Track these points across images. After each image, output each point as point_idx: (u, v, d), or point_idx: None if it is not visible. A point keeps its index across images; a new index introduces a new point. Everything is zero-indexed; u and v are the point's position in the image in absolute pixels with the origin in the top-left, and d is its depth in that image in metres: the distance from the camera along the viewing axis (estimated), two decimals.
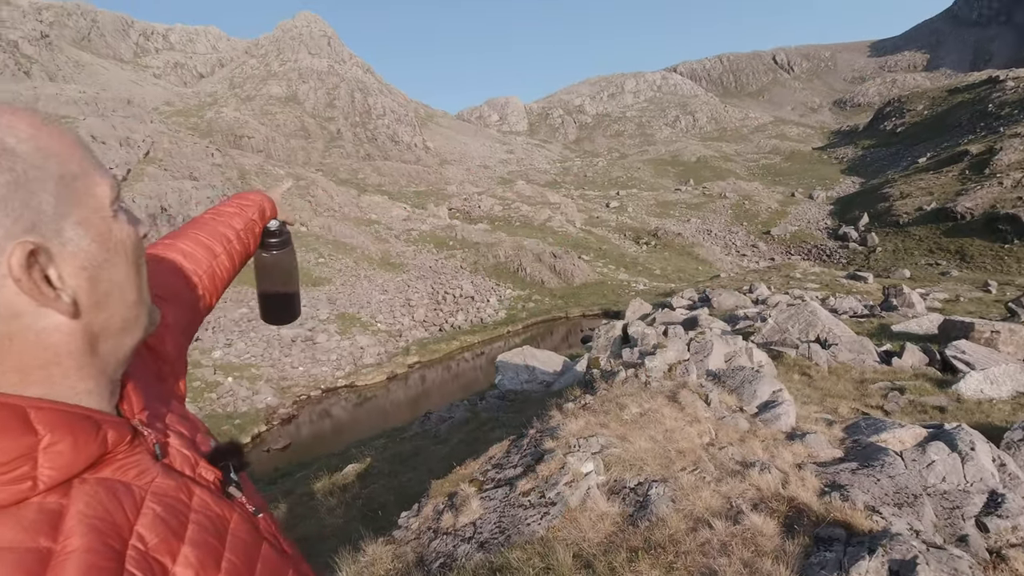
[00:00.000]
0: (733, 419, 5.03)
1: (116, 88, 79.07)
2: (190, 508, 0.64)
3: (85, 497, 0.54)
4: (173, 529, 0.59)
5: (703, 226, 72.68)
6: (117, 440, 0.60)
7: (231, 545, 0.66)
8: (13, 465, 0.51)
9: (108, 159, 41.70)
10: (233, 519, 0.69)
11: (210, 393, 25.31)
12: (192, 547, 0.60)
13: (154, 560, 0.55)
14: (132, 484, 0.60)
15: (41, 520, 0.50)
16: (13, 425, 0.52)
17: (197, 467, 0.71)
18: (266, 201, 1.32)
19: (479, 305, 40.72)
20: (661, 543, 3.34)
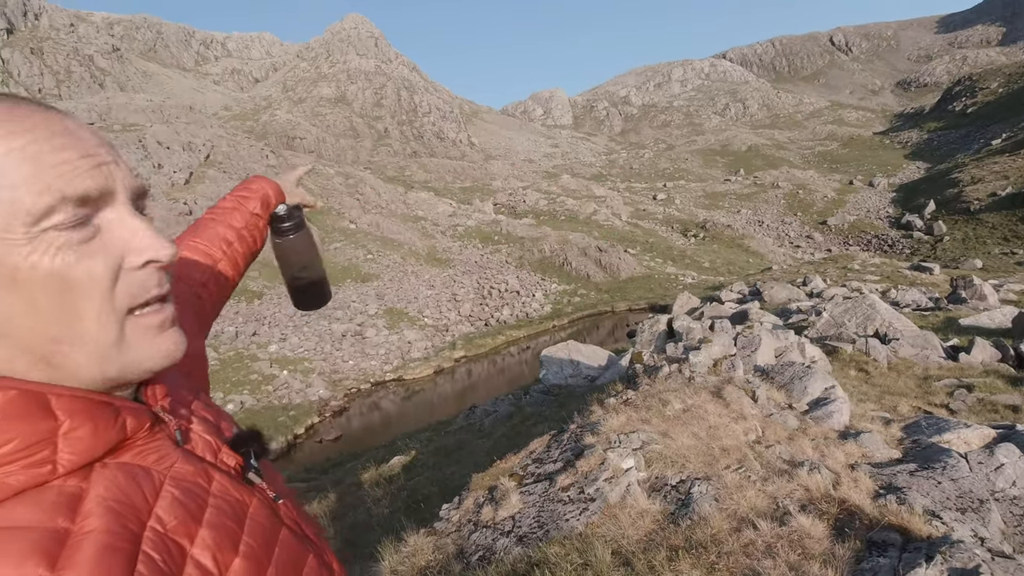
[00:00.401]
0: (781, 416, 4.85)
1: (180, 95, 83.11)
2: (209, 492, 0.65)
3: (104, 481, 0.55)
4: (191, 512, 0.60)
5: (754, 217, 70.41)
6: (136, 427, 0.62)
7: (249, 529, 0.66)
8: (34, 449, 0.52)
9: (172, 163, 43.93)
10: (252, 504, 0.70)
11: (267, 386, 26.35)
12: (210, 529, 0.61)
13: (172, 541, 0.56)
14: (151, 468, 0.61)
15: (60, 502, 0.51)
16: (34, 411, 0.53)
17: (219, 453, 0.73)
18: (270, 187, 1.26)
19: (524, 300, 40.77)
20: (703, 543, 3.26)
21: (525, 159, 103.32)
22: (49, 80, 74.34)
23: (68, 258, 0.53)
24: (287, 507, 0.79)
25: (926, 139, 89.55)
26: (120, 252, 0.57)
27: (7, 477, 0.50)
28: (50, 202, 0.52)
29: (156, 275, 0.60)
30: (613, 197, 71.54)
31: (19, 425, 0.51)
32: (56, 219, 0.53)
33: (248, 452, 0.78)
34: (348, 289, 38.61)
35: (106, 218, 0.57)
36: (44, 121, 0.55)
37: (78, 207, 0.54)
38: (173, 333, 0.63)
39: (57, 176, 0.53)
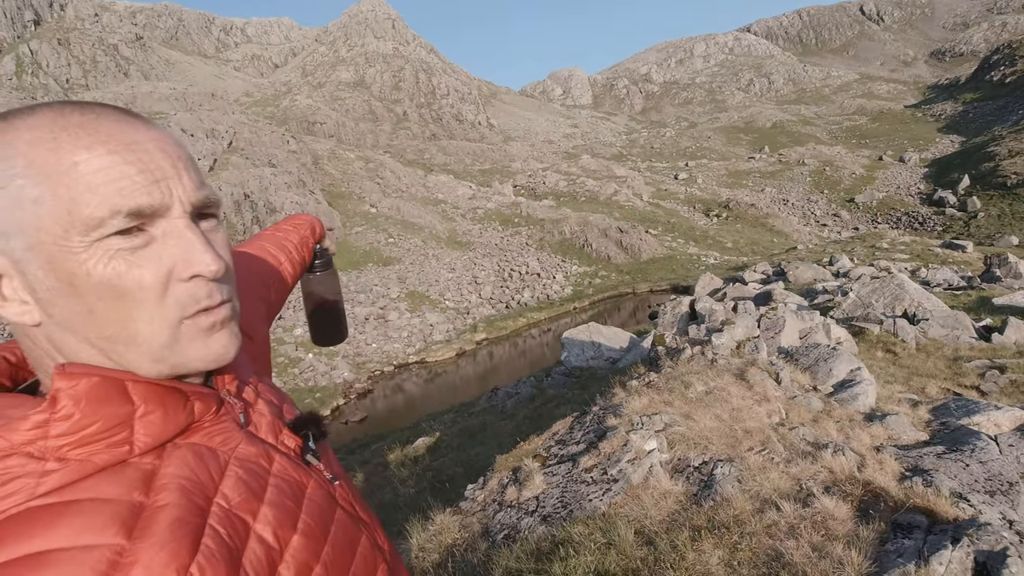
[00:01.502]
0: (805, 399, 4.82)
1: (202, 83, 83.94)
2: (270, 472, 0.69)
3: (175, 460, 0.60)
4: (254, 491, 0.64)
5: (779, 196, 69.03)
6: (203, 410, 0.66)
7: (307, 508, 0.70)
8: (115, 431, 0.57)
9: (196, 150, 44.57)
10: (310, 484, 0.74)
11: (293, 368, 26.92)
12: (271, 507, 0.64)
13: (236, 517, 0.61)
14: (217, 449, 0.65)
15: (136, 478, 0.57)
16: (115, 396, 0.58)
17: (280, 435, 0.77)
18: (316, 222, 1.39)
19: (545, 282, 40.76)
20: (725, 523, 3.29)
21: (544, 140, 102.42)
22: (76, 70, 75.71)
23: (120, 267, 0.57)
24: (342, 488, 0.83)
25: (961, 111, 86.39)
26: (171, 263, 0.60)
27: (92, 455, 0.56)
28: (104, 214, 0.55)
29: (205, 287, 0.62)
30: (634, 177, 70.69)
31: (102, 408, 0.57)
32: (109, 230, 0.56)
33: (307, 435, 0.82)
34: (370, 273, 39.02)
35: (161, 229, 0.60)
36: (112, 134, 0.58)
37: (131, 219, 0.57)
38: (223, 335, 0.65)
39: (114, 191, 0.56)
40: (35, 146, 0.55)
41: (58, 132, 0.56)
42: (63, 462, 0.55)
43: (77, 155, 0.55)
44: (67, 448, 0.55)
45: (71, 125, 0.57)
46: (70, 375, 0.57)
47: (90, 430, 0.56)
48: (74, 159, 0.55)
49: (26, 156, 0.55)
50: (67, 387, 0.56)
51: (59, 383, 0.56)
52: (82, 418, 0.56)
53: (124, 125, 0.60)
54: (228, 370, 0.75)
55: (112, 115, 0.60)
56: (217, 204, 0.67)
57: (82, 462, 0.55)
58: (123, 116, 0.61)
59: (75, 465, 0.55)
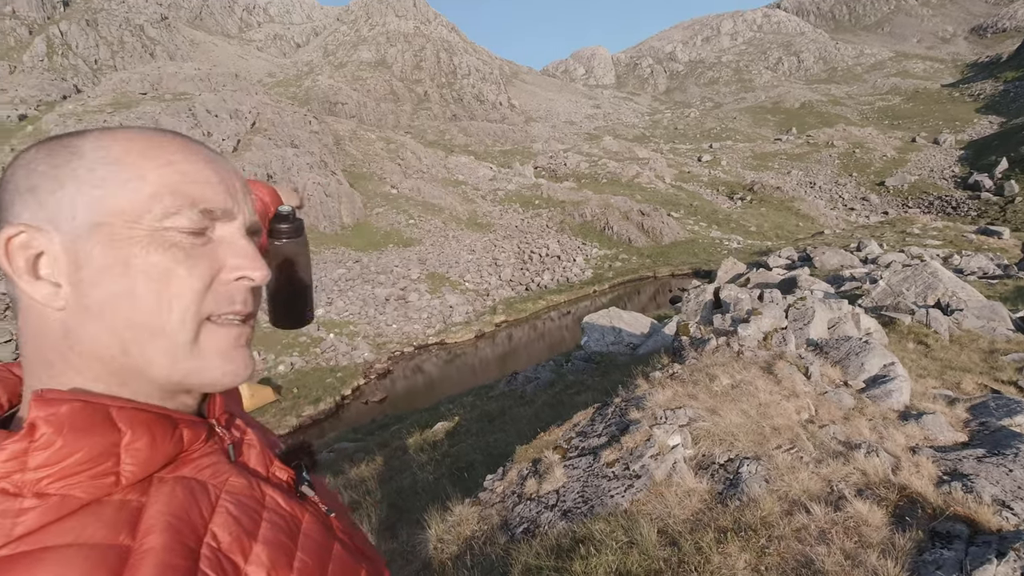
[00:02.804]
0: (836, 395, 4.67)
1: (225, 63, 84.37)
2: (263, 507, 0.65)
3: (163, 496, 0.57)
4: (246, 528, 0.61)
5: (806, 178, 67.42)
6: (192, 439, 0.63)
7: (303, 544, 0.66)
8: (98, 461, 0.54)
9: (220, 131, 44.89)
10: (305, 518, 0.69)
11: (315, 348, 27.26)
12: (264, 546, 0.61)
13: (226, 559, 0.57)
14: (208, 483, 0.62)
15: (121, 517, 0.53)
16: (99, 422, 0.55)
17: (271, 466, 0.72)
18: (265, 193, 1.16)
19: (565, 264, 40.53)
20: (752, 525, 3.19)
21: (566, 121, 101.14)
22: (104, 51, 76.59)
23: (177, 255, 0.59)
24: (339, 519, 0.78)
25: (1001, 91, 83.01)
26: (221, 263, 0.62)
27: (73, 489, 0.52)
28: (180, 204, 0.59)
29: (243, 292, 0.64)
30: (656, 159, 69.58)
31: (85, 437, 0.53)
32: (178, 222, 0.59)
33: (299, 465, 0.76)
34: (391, 254, 39.17)
35: (221, 234, 0.64)
36: (200, 151, 0.64)
37: (203, 216, 0.61)
38: (244, 354, 0.65)
39: (197, 189, 0.61)
40: (134, 142, 0.60)
41: (156, 139, 0.62)
42: (42, 498, 0.51)
43: (173, 155, 0.61)
44: (47, 482, 0.51)
45: (165, 139, 0.63)
46: (49, 401, 0.53)
47: (72, 460, 0.52)
48: (170, 158, 0.61)
49: (124, 148, 0.60)
50: (46, 414, 0.52)
51: (37, 410, 0.53)
52: (64, 447, 0.52)
53: (207, 149, 0.66)
54: (220, 400, 0.71)
55: (199, 143, 0.66)
56: (260, 233, 0.71)
57: (62, 498, 0.52)
58: (203, 145, 0.67)
59: (55, 501, 0.51)
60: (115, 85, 51.68)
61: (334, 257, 37.39)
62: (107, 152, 0.59)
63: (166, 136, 0.63)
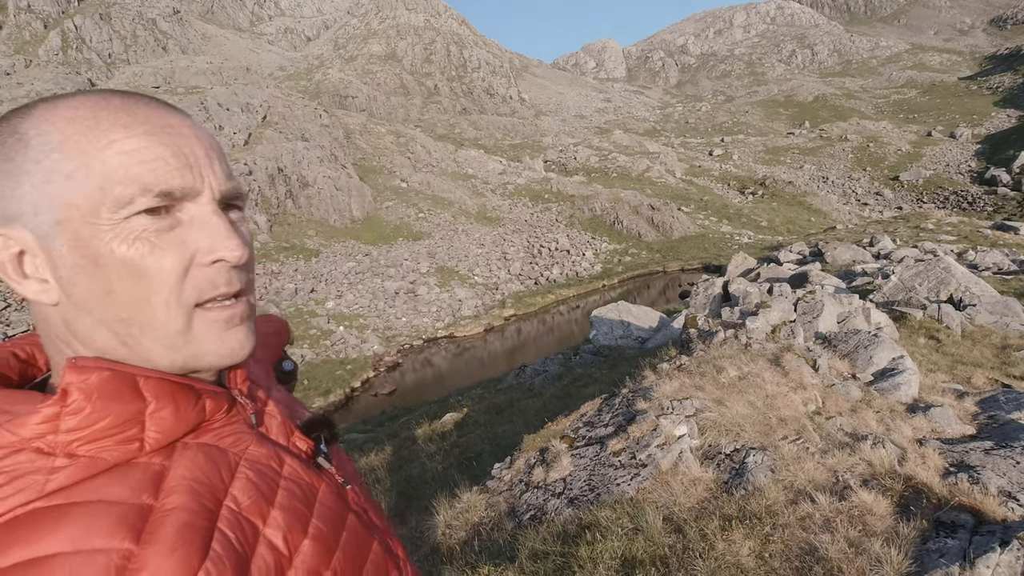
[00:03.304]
0: (844, 387, 4.67)
1: (236, 57, 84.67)
2: (281, 475, 0.67)
3: (185, 461, 0.59)
4: (264, 493, 0.63)
5: (818, 173, 66.75)
6: (214, 409, 0.64)
7: (318, 512, 0.68)
8: (125, 427, 0.56)
9: (232, 124, 45.16)
10: (321, 488, 0.72)
11: (325, 340, 27.48)
12: (281, 511, 0.63)
13: (246, 520, 0.59)
14: (228, 450, 0.64)
15: (145, 479, 0.56)
16: (126, 391, 0.57)
17: (292, 436, 0.75)
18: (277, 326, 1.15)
19: (574, 259, 40.50)
20: (757, 513, 3.22)
21: (576, 115, 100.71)
22: (118, 45, 77.14)
23: (142, 248, 0.57)
24: (355, 493, 0.81)
25: (1020, 83, 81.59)
26: (193, 248, 0.60)
27: (101, 452, 0.55)
28: (135, 192, 0.56)
29: (226, 273, 0.62)
30: (667, 153, 69.16)
31: (114, 404, 0.56)
32: (138, 207, 0.56)
33: (319, 437, 0.79)
34: (400, 247, 39.32)
35: (188, 214, 0.60)
36: (149, 117, 0.59)
37: (161, 199, 0.57)
38: (240, 331, 0.64)
39: (148, 170, 0.57)
40: (73, 123, 0.56)
41: (98, 111, 0.57)
42: (72, 458, 0.54)
43: (114, 133, 0.57)
44: (77, 444, 0.54)
45: (111, 106, 0.58)
46: (81, 368, 0.56)
47: (101, 425, 0.55)
48: (111, 137, 0.56)
49: (63, 132, 0.56)
50: (78, 381, 0.55)
51: (70, 377, 0.55)
52: (93, 412, 0.55)
53: (161, 110, 0.61)
54: (240, 370, 0.72)
55: (151, 101, 0.61)
56: (244, 197, 0.67)
57: (91, 459, 0.55)
58: (161, 104, 0.62)
59: (84, 462, 0.54)
60: (128, 79, 52.12)
61: (344, 250, 37.60)
62: (48, 137, 0.56)
63: (109, 104, 0.59)
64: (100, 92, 0.60)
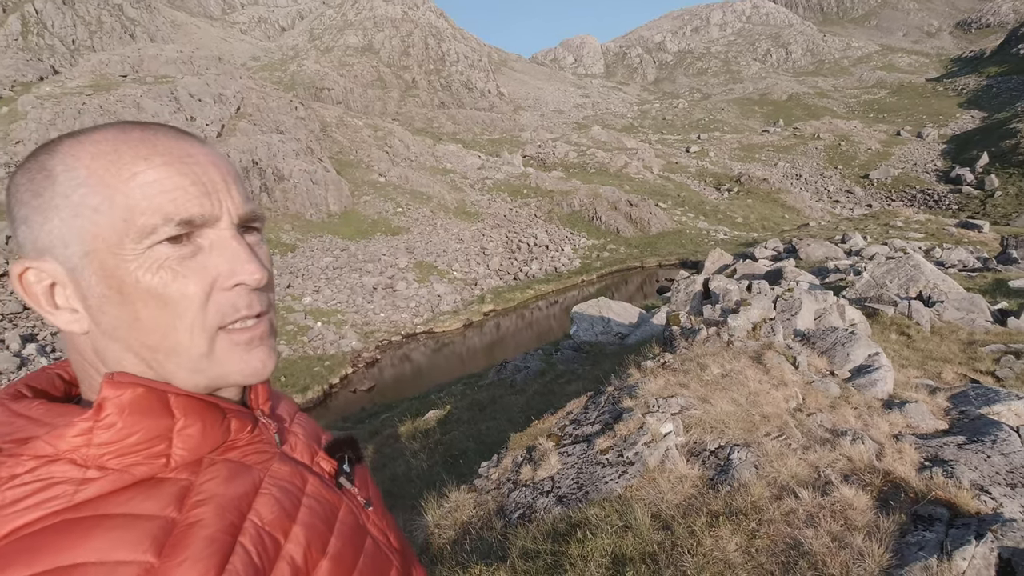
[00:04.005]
0: (823, 384, 4.80)
1: (208, 46, 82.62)
2: (303, 493, 0.68)
3: (211, 476, 0.61)
4: (287, 510, 0.64)
5: (792, 170, 68.01)
6: (239, 428, 0.67)
7: (338, 531, 0.69)
8: (154, 443, 0.59)
9: (204, 115, 44.12)
10: (342, 508, 0.73)
11: (302, 336, 27.14)
12: (303, 528, 0.64)
13: (268, 535, 0.60)
14: (253, 466, 0.65)
15: (172, 493, 0.58)
16: (157, 408, 0.60)
17: (315, 456, 0.77)
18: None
19: (553, 254, 40.63)
20: (743, 509, 3.30)
21: (555, 110, 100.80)
22: (82, 31, 74.64)
23: (166, 276, 0.59)
24: (376, 515, 0.81)
25: (984, 85, 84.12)
26: (215, 273, 0.62)
27: (130, 466, 0.57)
28: (155, 222, 0.58)
29: (246, 296, 0.64)
30: (645, 149, 69.71)
31: (144, 420, 0.59)
32: (160, 236, 0.59)
33: (343, 458, 0.81)
34: (378, 243, 38.97)
35: (208, 239, 0.62)
36: (169, 148, 0.62)
37: (182, 227, 0.60)
38: (262, 351, 0.65)
39: (168, 200, 0.59)
40: (97, 158, 0.59)
41: (119, 145, 0.60)
42: (103, 471, 0.56)
43: (136, 166, 0.59)
44: (108, 457, 0.57)
45: (131, 139, 0.61)
46: (117, 384, 0.59)
47: (131, 440, 0.58)
48: (133, 170, 0.59)
49: (88, 167, 0.59)
50: (113, 396, 0.58)
51: (106, 391, 0.58)
52: (124, 428, 0.57)
53: (181, 140, 0.63)
54: (263, 391, 0.74)
55: (170, 132, 0.64)
56: (262, 219, 0.69)
57: (120, 472, 0.57)
58: (180, 133, 0.64)
59: (114, 475, 0.56)
60: (94, 66, 50.49)
61: (321, 245, 37.13)
62: (75, 173, 0.59)
63: (130, 136, 0.61)
64: (121, 125, 0.62)
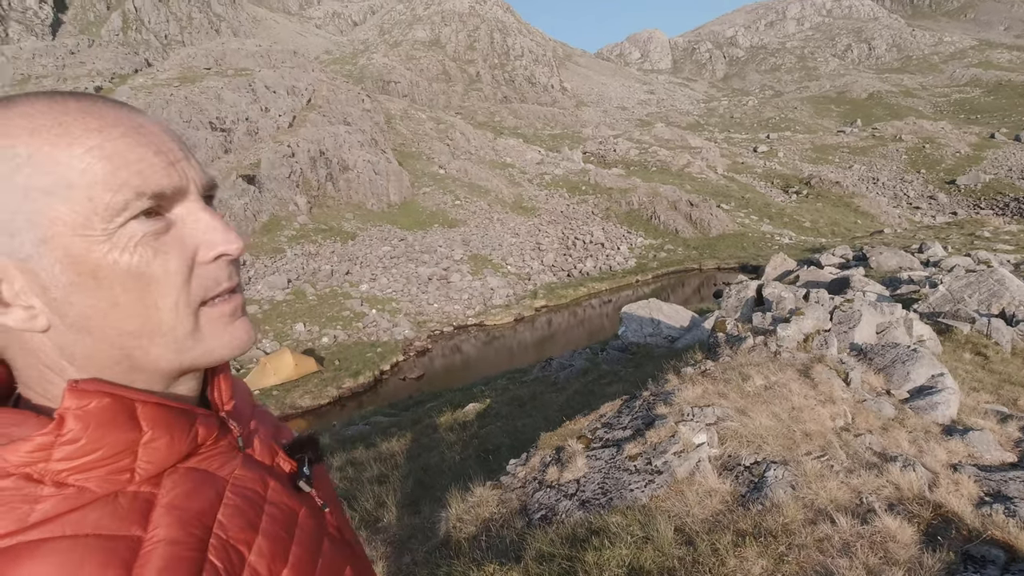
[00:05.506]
0: (876, 403, 4.48)
1: (285, 40, 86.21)
2: (265, 500, 0.67)
3: (174, 487, 0.58)
4: (250, 520, 0.63)
5: (868, 173, 64.21)
6: (206, 436, 0.64)
7: (298, 539, 0.68)
8: (118, 458, 0.55)
9: (277, 106, 46.04)
10: (302, 512, 0.72)
11: (357, 323, 27.94)
12: (266, 539, 0.63)
13: (233, 549, 0.59)
14: (215, 473, 0.63)
15: (134, 509, 0.54)
16: (122, 420, 0.55)
17: (276, 457, 0.75)
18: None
19: (609, 252, 40.07)
20: (773, 531, 3.12)
21: (618, 106, 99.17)
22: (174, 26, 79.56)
23: (146, 254, 0.54)
24: (332, 515, 0.80)
25: None
26: (193, 246, 0.58)
27: (88, 482, 0.53)
28: (126, 198, 0.53)
29: (227, 268, 0.61)
30: (709, 148, 67.56)
31: (108, 435, 0.54)
32: (132, 212, 0.54)
33: (303, 459, 0.79)
34: (435, 234, 39.56)
35: (179, 214, 0.58)
36: (119, 119, 0.56)
37: (154, 201, 0.55)
38: (244, 322, 0.63)
39: (134, 173, 0.54)
40: (37, 134, 0.52)
41: (61, 118, 0.53)
42: (60, 487, 0.52)
43: (89, 139, 0.53)
44: (67, 473, 0.53)
45: (72, 110, 0.54)
46: (82, 393, 0.53)
47: (94, 456, 0.53)
48: (87, 143, 0.53)
49: (28, 145, 0.51)
50: (76, 407, 0.53)
51: (69, 401, 0.53)
52: (88, 443, 0.53)
53: (124, 110, 0.58)
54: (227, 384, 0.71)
55: (108, 102, 0.58)
56: (217, 187, 0.66)
57: (79, 489, 0.53)
58: (119, 103, 0.59)
59: (72, 492, 0.52)
60: (182, 60, 53.57)
61: (380, 235, 38.05)
62: (13, 152, 0.51)
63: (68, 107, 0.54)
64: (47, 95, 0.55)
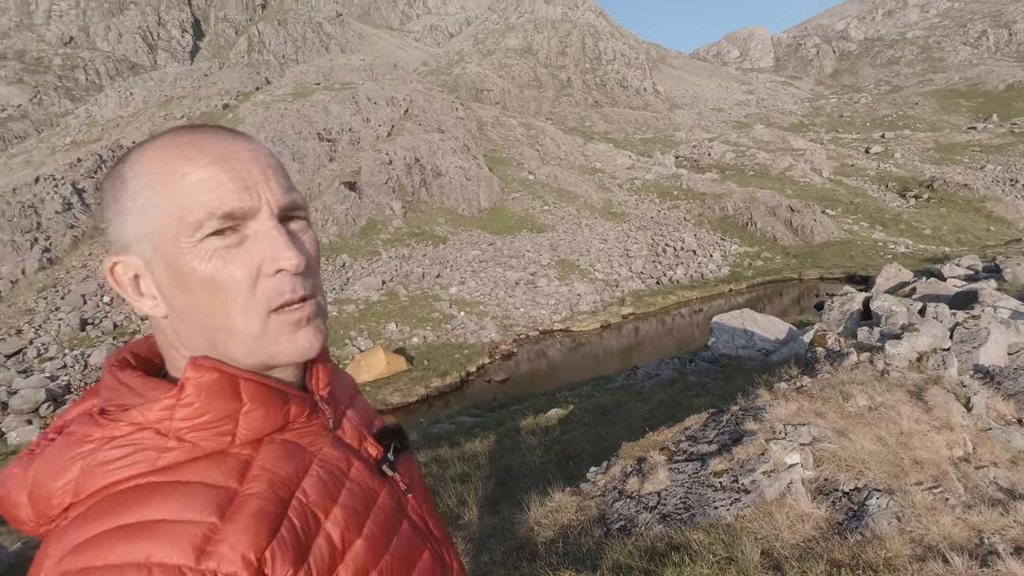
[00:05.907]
0: (1005, 433, 4.01)
1: (386, 54, 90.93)
2: (347, 476, 0.76)
3: (268, 454, 0.70)
4: (330, 491, 0.72)
5: (1005, 174, 57.33)
6: (298, 413, 0.75)
7: (374, 515, 0.76)
8: (223, 422, 0.68)
9: (377, 117, 48.57)
10: (382, 493, 0.80)
11: (446, 324, 28.81)
12: (342, 509, 0.72)
13: (311, 512, 0.69)
14: (305, 448, 0.74)
15: (234, 467, 0.67)
16: (227, 391, 0.68)
17: (364, 442, 0.84)
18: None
19: (701, 260, 38.61)
20: (873, 564, 2.89)
21: (714, 108, 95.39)
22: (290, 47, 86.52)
23: (217, 264, 0.67)
24: (416, 501, 0.88)
25: None
26: (259, 260, 0.69)
27: (201, 440, 0.67)
28: (203, 216, 0.66)
29: (289, 281, 0.70)
30: (814, 150, 63.25)
31: (217, 402, 0.67)
32: (208, 230, 0.66)
33: (389, 445, 0.88)
34: (523, 239, 39.96)
35: (252, 230, 0.69)
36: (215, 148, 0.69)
37: (225, 221, 0.67)
38: (308, 332, 0.72)
39: (212, 197, 0.67)
40: (155, 163, 0.68)
41: (172, 149, 0.68)
42: (180, 442, 0.66)
43: (184, 167, 0.67)
44: (185, 431, 0.66)
45: (182, 143, 0.69)
46: (199, 367, 0.67)
47: (204, 419, 0.67)
48: (182, 171, 0.67)
49: (150, 172, 0.68)
50: (194, 377, 0.67)
51: (189, 372, 0.67)
52: (200, 407, 0.66)
53: (224, 139, 0.71)
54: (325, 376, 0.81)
55: (216, 131, 0.72)
56: (304, 207, 0.76)
57: (194, 445, 0.66)
58: (224, 131, 0.73)
59: (188, 447, 0.66)
60: (295, 77, 57.89)
61: (470, 239, 39.01)
62: (140, 178, 0.68)
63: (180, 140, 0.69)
64: (176, 130, 0.71)
